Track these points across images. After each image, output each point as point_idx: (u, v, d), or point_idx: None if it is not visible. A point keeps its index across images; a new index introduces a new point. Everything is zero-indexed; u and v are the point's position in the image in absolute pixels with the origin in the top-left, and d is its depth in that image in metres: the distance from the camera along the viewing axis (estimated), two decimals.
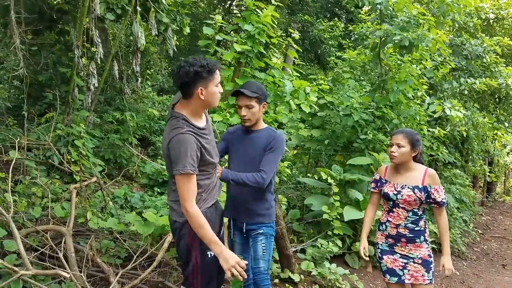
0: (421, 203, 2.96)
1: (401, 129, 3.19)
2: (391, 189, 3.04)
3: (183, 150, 2.19)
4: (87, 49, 6.08)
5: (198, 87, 2.25)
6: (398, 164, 3.03)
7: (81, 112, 6.29)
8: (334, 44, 14.87)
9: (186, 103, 2.33)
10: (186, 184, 2.20)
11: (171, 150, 2.23)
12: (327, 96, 6.15)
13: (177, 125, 2.25)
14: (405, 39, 5.39)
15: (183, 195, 2.21)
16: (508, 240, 9.12)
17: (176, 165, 2.19)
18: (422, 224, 2.99)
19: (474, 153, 9.95)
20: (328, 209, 5.04)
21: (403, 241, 3.00)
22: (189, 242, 2.36)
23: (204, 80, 2.26)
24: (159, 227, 3.94)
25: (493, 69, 8.89)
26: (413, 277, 2.97)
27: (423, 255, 2.96)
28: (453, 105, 6.89)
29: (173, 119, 2.31)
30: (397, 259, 3.04)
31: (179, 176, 2.19)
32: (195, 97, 2.28)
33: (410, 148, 2.95)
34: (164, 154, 2.36)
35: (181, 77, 2.22)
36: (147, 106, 9.11)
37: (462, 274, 6.18)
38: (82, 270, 3.34)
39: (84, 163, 5.70)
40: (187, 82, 2.23)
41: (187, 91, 2.27)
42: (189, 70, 2.20)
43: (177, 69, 2.26)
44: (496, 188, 16.72)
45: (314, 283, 4.40)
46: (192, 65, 2.22)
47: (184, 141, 2.20)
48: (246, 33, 4.25)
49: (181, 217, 2.34)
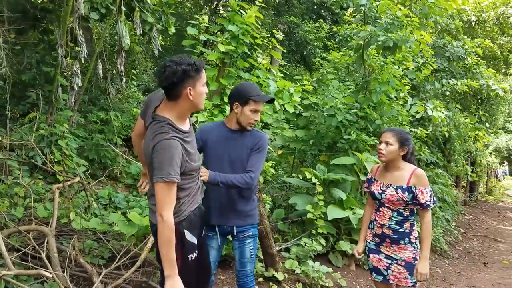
0: (406, 204, 2.94)
1: (391, 128, 3.21)
2: (377, 188, 3.06)
3: (167, 157, 2.10)
4: (71, 49, 6.04)
5: (186, 87, 2.15)
6: (387, 163, 3.03)
7: (64, 111, 6.25)
8: (319, 45, 14.97)
9: (171, 105, 2.21)
10: (166, 192, 2.12)
11: (155, 156, 2.12)
12: (312, 96, 6.21)
13: (162, 130, 2.15)
14: (389, 40, 5.45)
15: (162, 202, 2.12)
16: (489, 239, 9.28)
17: (159, 172, 2.10)
18: (408, 226, 2.97)
19: (456, 153, 10.12)
20: (312, 208, 5.09)
21: (388, 241, 3.01)
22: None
23: (192, 80, 2.16)
24: (143, 227, 3.94)
25: (475, 70, 9.06)
26: (397, 279, 2.99)
27: (407, 257, 2.96)
28: (435, 106, 7.02)
29: (157, 123, 2.20)
30: (382, 259, 3.06)
31: (162, 183, 2.10)
32: (183, 98, 2.18)
33: (399, 147, 2.94)
34: (146, 159, 2.26)
35: (167, 77, 2.10)
36: (132, 106, 9.05)
37: (444, 272, 6.28)
38: (65, 270, 3.33)
39: (68, 163, 5.66)
40: (175, 82, 2.11)
41: (174, 92, 2.16)
42: (177, 69, 2.09)
43: (162, 69, 2.13)
44: (478, 188, 16.99)
45: (298, 282, 4.44)
46: (179, 64, 2.11)
47: (170, 148, 2.11)
48: (230, 34, 4.27)
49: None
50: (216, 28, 4.89)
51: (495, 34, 11.67)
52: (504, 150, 23.93)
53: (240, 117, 2.79)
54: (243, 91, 2.79)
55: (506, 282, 5.85)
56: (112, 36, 8.87)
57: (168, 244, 2.12)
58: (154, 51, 6.61)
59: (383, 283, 3.11)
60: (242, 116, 2.78)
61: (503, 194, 19.81)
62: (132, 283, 3.83)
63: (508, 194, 20.75)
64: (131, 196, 5.92)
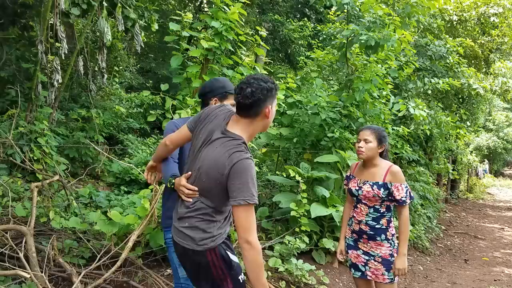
0: (382, 201, 2.97)
1: (368, 125, 3.24)
2: (354, 185, 3.09)
3: (250, 178, 1.97)
4: (52, 45, 5.94)
5: (268, 105, 2.07)
6: (365, 160, 3.08)
7: (44, 109, 6.14)
8: (303, 43, 15.03)
9: (246, 123, 2.09)
10: (250, 215, 1.98)
11: (235, 176, 1.97)
12: (296, 94, 6.21)
13: (240, 149, 2.01)
14: (371, 39, 5.49)
15: (247, 226, 1.96)
16: (470, 236, 9.43)
17: (242, 193, 1.95)
18: (384, 222, 2.99)
19: (438, 152, 10.24)
20: (296, 206, 5.10)
21: (365, 237, 3.04)
22: (218, 272, 2.10)
23: (273, 99, 2.11)
24: (124, 226, 3.89)
25: (456, 69, 9.19)
26: (374, 275, 3.01)
27: (383, 253, 2.98)
28: (417, 104, 7.10)
29: (231, 140, 2.05)
30: (360, 255, 3.08)
31: (246, 206, 1.95)
32: (261, 117, 2.09)
33: (377, 144, 2.99)
34: (211, 178, 2.05)
35: (254, 94, 2.01)
36: (114, 104, 8.95)
37: (426, 269, 6.35)
38: (43, 270, 3.25)
39: (47, 162, 5.56)
40: (260, 99, 2.02)
41: (255, 109, 2.05)
42: (264, 87, 2.03)
43: (246, 85, 2.04)
44: (459, 185, 17.26)
45: (281, 280, 4.44)
46: (264, 81, 2.05)
47: (252, 169, 2.00)
48: (213, 30, 4.24)
49: (199, 245, 2.08)
50: (200, 24, 4.85)
51: (476, 34, 11.85)
52: (484, 148, 24.38)
53: None
54: (221, 86, 2.68)
55: (486, 278, 5.94)
56: (93, 32, 8.74)
57: (261, 270, 1.99)
58: (136, 48, 6.54)
59: (362, 279, 3.12)
60: None
61: (483, 192, 20.15)
62: (112, 283, 3.77)
63: (488, 192, 21.13)
64: (113, 195, 5.85)
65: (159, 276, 3.96)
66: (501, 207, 15.63)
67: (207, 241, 2.07)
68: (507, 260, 7.26)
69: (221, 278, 2.10)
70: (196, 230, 2.09)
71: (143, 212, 3.81)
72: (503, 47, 12.25)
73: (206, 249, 2.07)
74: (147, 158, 7.55)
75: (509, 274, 6.21)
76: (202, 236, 2.07)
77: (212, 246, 2.07)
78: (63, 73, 5.97)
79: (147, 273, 3.91)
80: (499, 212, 14.08)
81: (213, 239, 2.07)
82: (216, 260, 2.08)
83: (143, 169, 6.84)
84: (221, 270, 2.09)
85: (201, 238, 2.07)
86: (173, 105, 4.26)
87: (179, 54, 4.22)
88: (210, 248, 2.07)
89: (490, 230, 10.47)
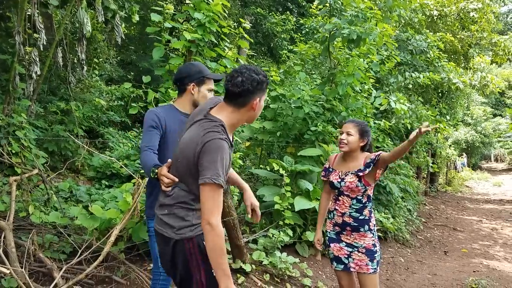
0: (365, 190, 3.01)
1: (352, 119, 3.26)
2: (335, 178, 3.11)
3: (220, 158, 1.92)
4: (30, 36, 5.79)
5: (256, 98, 2.06)
6: (346, 153, 3.10)
7: (22, 101, 5.99)
8: (286, 37, 15.02)
9: (231, 111, 2.07)
10: (215, 195, 1.92)
11: (205, 154, 1.93)
12: (279, 88, 6.20)
13: (216, 129, 1.98)
14: (353, 32, 5.51)
15: (210, 207, 1.91)
16: (449, 228, 9.60)
17: (208, 172, 1.90)
18: (367, 213, 3.04)
19: (418, 145, 10.37)
20: (279, 199, 5.11)
21: (348, 229, 3.06)
22: (193, 262, 2.07)
23: (262, 92, 2.09)
24: (106, 220, 3.83)
25: (436, 64, 9.30)
26: (358, 266, 3.04)
27: (367, 244, 3.01)
28: (398, 98, 7.17)
29: (208, 121, 2.03)
30: (343, 248, 3.10)
31: (210, 185, 1.90)
32: (248, 108, 2.07)
33: (359, 137, 3.03)
34: (181, 156, 2.06)
35: (244, 83, 2.00)
36: (94, 96, 8.80)
37: (407, 261, 6.44)
38: (23, 266, 3.19)
39: (26, 155, 5.44)
40: (249, 90, 2.02)
41: (243, 99, 2.04)
42: (255, 78, 2.02)
43: (237, 74, 2.03)
44: (438, 178, 17.54)
45: (265, 272, 4.45)
46: (256, 73, 2.04)
47: (223, 149, 1.94)
48: (196, 21, 4.18)
49: (177, 234, 2.05)
50: (182, 16, 4.78)
51: (456, 29, 12.02)
52: (462, 142, 24.88)
53: (198, 98, 2.62)
54: (198, 71, 2.62)
55: (465, 269, 6.06)
56: (72, 23, 8.56)
57: (221, 254, 1.92)
58: (117, 39, 6.44)
59: (343, 272, 3.14)
60: (201, 97, 2.62)
61: (461, 185, 20.54)
62: (95, 278, 3.73)
63: (466, 185, 21.55)
64: (94, 189, 5.77)
65: (142, 270, 3.92)
66: (479, 199, 15.97)
67: (185, 230, 2.04)
68: (485, 252, 7.43)
69: (196, 269, 2.06)
70: (174, 217, 2.07)
71: (125, 206, 3.76)
72: (482, 42, 12.48)
73: (184, 238, 2.04)
74: (128, 152, 7.46)
75: (487, 265, 6.35)
76: (181, 225, 2.05)
77: (190, 235, 2.04)
78: (41, 65, 5.83)
79: (129, 267, 3.87)
80: (477, 204, 14.38)
81: (192, 229, 2.05)
82: (193, 250, 2.05)
83: (125, 163, 6.78)
84: (196, 261, 2.06)
85: (180, 226, 2.05)
86: (155, 98, 4.20)
87: (161, 46, 4.15)
88: (188, 238, 2.04)
89: (468, 222, 10.68)
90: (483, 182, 23.62)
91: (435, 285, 5.26)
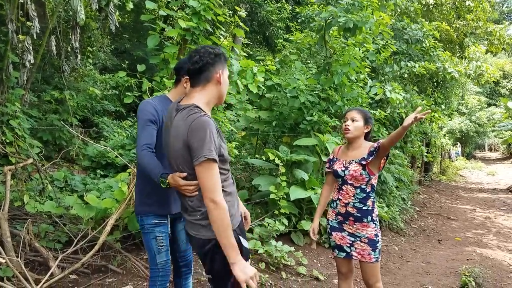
0: (369, 179, 3.00)
1: (355, 107, 3.27)
2: (339, 166, 3.11)
3: (208, 134, 1.93)
4: (23, 24, 5.72)
5: (217, 71, 2.11)
6: (350, 141, 3.11)
7: (16, 90, 5.94)
8: (281, 26, 14.94)
9: (198, 91, 2.11)
10: (213, 173, 1.93)
11: (193, 135, 1.94)
12: (275, 77, 6.18)
13: (192, 112, 2.00)
14: (350, 21, 5.47)
15: (210, 185, 1.92)
16: (443, 217, 9.68)
17: (200, 151, 1.91)
18: (370, 203, 3.04)
19: (413, 135, 10.40)
20: (275, 189, 5.12)
21: (351, 219, 3.07)
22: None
23: (222, 65, 2.14)
24: (101, 210, 3.82)
25: (432, 53, 9.28)
26: (360, 255, 3.06)
27: (369, 234, 3.03)
28: (393, 88, 7.17)
29: (183, 110, 2.04)
30: (345, 237, 3.12)
31: (205, 162, 1.91)
32: (212, 82, 2.11)
33: (363, 124, 3.06)
34: (177, 153, 2.05)
35: (201, 58, 2.07)
36: (88, 85, 8.73)
37: (401, 249, 6.50)
38: (19, 255, 3.20)
39: (20, 144, 5.40)
40: (208, 63, 2.08)
41: (205, 74, 2.09)
42: (211, 51, 2.09)
43: (194, 52, 2.11)
44: (433, 168, 17.65)
45: (261, 261, 4.48)
46: (211, 48, 2.12)
47: (208, 124, 1.95)
48: (191, 9, 4.14)
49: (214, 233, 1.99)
50: (177, 3, 4.73)
51: (451, 18, 11.98)
52: (457, 131, 24.96)
53: None
54: None
55: (458, 258, 6.12)
56: (66, 11, 8.46)
57: (228, 229, 1.93)
58: (111, 27, 6.38)
59: (345, 259, 3.17)
60: None
61: (455, 174, 20.69)
62: (91, 267, 3.74)
63: (460, 174, 21.70)
64: (89, 179, 5.75)
65: (138, 259, 3.93)
66: (472, 189, 16.10)
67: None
68: (478, 240, 7.50)
69: (229, 267, 2.01)
70: (205, 219, 2.03)
71: (121, 195, 3.75)
72: (477, 31, 12.46)
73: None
74: (123, 141, 7.43)
75: (480, 253, 6.42)
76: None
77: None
78: (35, 53, 5.77)
79: (125, 256, 3.88)
80: (471, 193, 14.50)
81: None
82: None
83: (120, 153, 6.76)
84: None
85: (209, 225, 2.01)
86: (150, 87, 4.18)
87: (155, 34, 4.12)
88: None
89: (462, 211, 10.77)
90: (477, 171, 23.81)
91: (429, 273, 5.32)
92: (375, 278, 3.05)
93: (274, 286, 4.17)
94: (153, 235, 2.57)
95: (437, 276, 5.18)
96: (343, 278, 3.26)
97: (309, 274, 4.60)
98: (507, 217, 9.98)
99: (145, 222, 2.58)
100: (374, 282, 3.05)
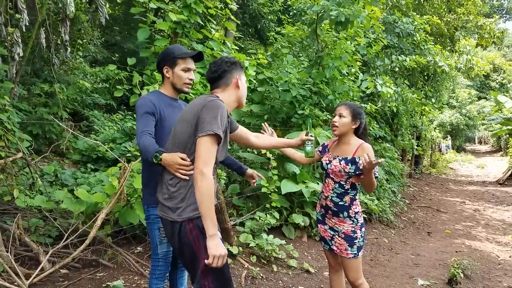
0: (348, 177, 2.98)
1: (346, 102, 3.25)
2: (325, 159, 3.12)
3: (220, 114, 2.07)
4: (11, 16, 5.64)
5: (235, 76, 2.32)
6: (340, 136, 3.08)
7: (5, 83, 5.85)
8: (273, 19, 14.88)
9: (221, 93, 2.30)
10: (212, 148, 2.04)
11: (206, 111, 2.07)
12: (266, 71, 6.17)
13: (212, 97, 2.17)
14: (341, 14, 5.47)
15: (205, 158, 2.01)
16: (433, 210, 9.77)
17: (208, 125, 2.02)
18: (348, 200, 3.01)
19: (403, 128, 10.47)
20: (266, 183, 5.13)
21: (330, 213, 3.08)
22: (194, 242, 2.10)
23: (240, 71, 2.36)
24: (92, 204, 3.81)
25: (423, 47, 9.33)
26: (339, 250, 3.07)
27: (346, 230, 3.02)
28: (384, 81, 7.19)
29: (206, 96, 2.21)
30: (327, 230, 3.14)
31: (210, 136, 2.02)
32: (232, 87, 2.31)
33: (351, 119, 3.00)
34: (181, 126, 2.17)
35: (220, 65, 2.29)
36: (78, 78, 8.65)
37: (391, 242, 6.56)
38: (9, 250, 3.17)
39: (10, 138, 5.34)
40: (226, 70, 2.29)
41: (224, 80, 2.30)
42: (227, 60, 2.32)
43: (213, 63, 2.33)
44: (423, 161, 17.77)
45: (252, 254, 4.49)
46: (228, 58, 2.35)
47: (223, 108, 2.11)
48: (182, 2, 4.12)
49: (179, 215, 2.10)
50: None
51: (442, 11, 12.03)
52: (447, 125, 25.17)
53: (174, 80, 2.64)
54: (169, 53, 2.64)
55: (448, 250, 6.19)
56: (55, 3, 8.36)
57: (211, 202, 1.99)
58: (101, 20, 6.30)
59: (330, 252, 3.20)
60: (176, 78, 2.64)
61: (445, 167, 20.87)
62: (81, 262, 3.73)
63: (450, 167, 21.89)
64: (79, 173, 5.72)
65: (129, 253, 3.93)
66: (462, 181, 16.26)
67: (187, 210, 2.10)
68: (467, 233, 7.60)
69: (198, 248, 2.09)
70: (174, 199, 2.14)
71: (112, 190, 3.74)
72: (468, 25, 12.53)
73: (185, 220, 2.09)
74: (114, 135, 7.39)
75: (469, 245, 6.50)
76: (180, 206, 2.11)
77: (191, 216, 2.08)
78: (24, 46, 5.69)
79: (116, 251, 3.88)
80: (460, 186, 14.65)
81: (193, 208, 2.08)
82: (193, 230, 2.09)
83: (110, 147, 6.73)
84: (197, 240, 2.09)
85: (179, 207, 2.11)
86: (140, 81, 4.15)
87: (146, 27, 4.09)
88: (188, 219, 2.09)
89: (452, 203, 10.88)
90: (467, 164, 24.03)
91: (418, 265, 5.38)
92: (355, 274, 3.03)
93: (265, 279, 4.20)
94: (157, 225, 2.61)
95: (426, 268, 5.24)
96: (333, 271, 3.30)
97: (299, 267, 4.63)
98: (495, 210, 10.11)
99: (151, 213, 2.62)
100: (355, 279, 3.03)
